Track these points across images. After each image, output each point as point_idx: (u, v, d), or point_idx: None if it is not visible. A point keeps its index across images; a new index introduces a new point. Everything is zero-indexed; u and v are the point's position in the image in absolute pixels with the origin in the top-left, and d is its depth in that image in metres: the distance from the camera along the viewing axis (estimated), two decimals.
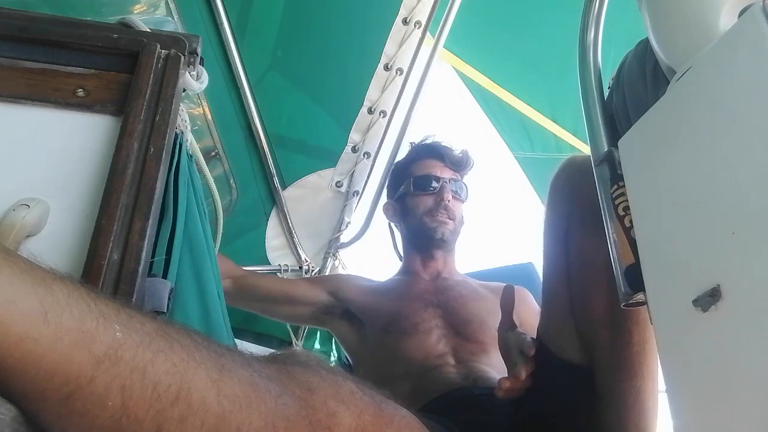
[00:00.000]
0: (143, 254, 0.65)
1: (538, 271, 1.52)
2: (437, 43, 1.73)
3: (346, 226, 2.09)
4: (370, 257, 2.34)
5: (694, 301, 0.54)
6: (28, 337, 0.36)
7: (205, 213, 0.88)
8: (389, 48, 1.84)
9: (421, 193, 1.63)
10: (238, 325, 1.98)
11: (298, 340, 2.14)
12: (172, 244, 0.75)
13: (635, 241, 0.68)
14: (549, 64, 1.99)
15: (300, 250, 2.10)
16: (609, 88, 0.89)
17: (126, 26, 0.83)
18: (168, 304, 0.70)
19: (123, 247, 0.64)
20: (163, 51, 0.78)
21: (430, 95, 2.03)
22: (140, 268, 0.64)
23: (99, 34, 0.78)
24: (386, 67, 1.86)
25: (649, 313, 0.64)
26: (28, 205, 0.63)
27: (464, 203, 1.68)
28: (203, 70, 0.87)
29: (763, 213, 0.49)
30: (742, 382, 0.49)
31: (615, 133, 0.80)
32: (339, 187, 2.04)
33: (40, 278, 0.39)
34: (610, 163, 0.76)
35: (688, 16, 0.69)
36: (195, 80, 0.84)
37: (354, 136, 1.97)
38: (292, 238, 2.08)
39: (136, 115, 0.72)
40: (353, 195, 2.05)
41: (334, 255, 2.15)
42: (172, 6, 1.51)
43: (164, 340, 0.42)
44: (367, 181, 2.02)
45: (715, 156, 0.56)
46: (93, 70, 0.77)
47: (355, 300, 1.57)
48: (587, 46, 0.87)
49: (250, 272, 1.77)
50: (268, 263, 2.08)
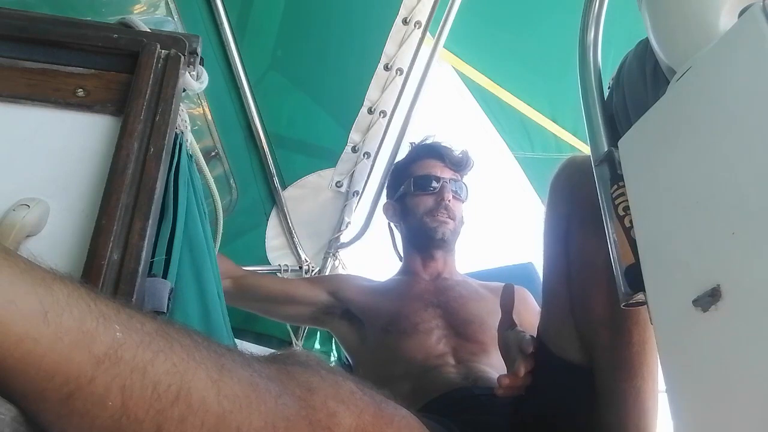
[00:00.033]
0: (143, 254, 0.65)
1: (538, 271, 1.52)
2: (437, 43, 1.73)
3: (346, 226, 2.09)
4: (370, 257, 2.34)
5: (694, 301, 0.54)
6: (28, 337, 0.36)
7: (205, 213, 0.88)
8: (389, 48, 1.84)
9: (422, 193, 1.63)
10: (238, 325, 1.98)
11: (298, 340, 2.14)
12: (172, 244, 0.75)
13: (635, 241, 0.68)
14: (549, 64, 1.99)
15: (300, 250, 2.10)
16: (609, 88, 0.89)
17: (126, 26, 0.83)
18: (168, 304, 0.70)
19: (123, 247, 0.64)
20: (163, 51, 0.78)
21: (430, 95, 2.03)
22: (140, 268, 0.64)
23: (99, 34, 0.78)
24: (386, 67, 1.86)
25: (649, 313, 0.64)
26: (28, 205, 0.63)
27: (464, 203, 1.68)
28: (203, 70, 0.87)
29: (763, 213, 0.49)
30: (742, 382, 0.49)
31: (615, 133, 0.80)
32: (339, 187, 2.04)
33: (40, 278, 0.39)
34: (610, 163, 0.76)
35: (688, 16, 0.69)
36: (195, 80, 0.85)
37: (354, 136, 1.97)
38: (292, 238, 2.08)
39: (136, 115, 0.72)
40: (353, 195, 2.05)
41: (334, 255, 2.15)
42: (172, 6, 1.51)
43: (164, 340, 0.42)
44: (367, 181, 2.02)
45: (715, 156, 0.56)
46: (93, 70, 0.77)
47: (355, 300, 1.57)
48: (587, 46, 0.87)
49: (250, 272, 1.77)
50: (268, 263, 2.08)
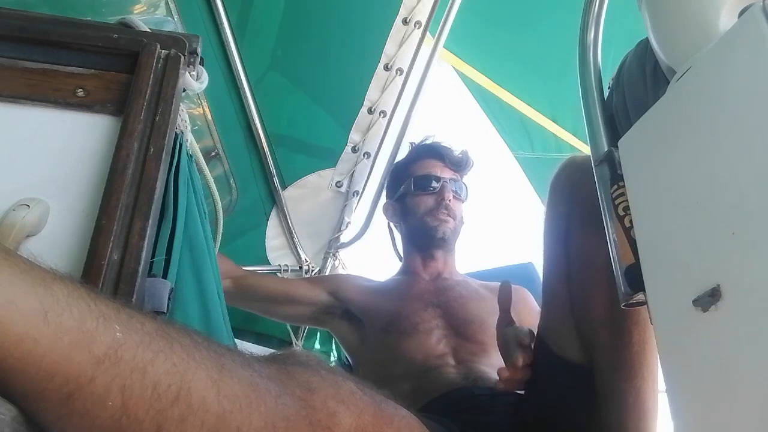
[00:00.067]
0: (143, 254, 0.65)
1: (538, 271, 1.52)
2: (437, 43, 1.73)
3: (346, 226, 2.09)
4: (370, 257, 2.34)
5: (694, 301, 0.54)
6: (28, 337, 0.36)
7: (205, 213, 0.88)
8: (389, 48, 1.84)
9: (422, 193, 1.63)
10: (238, 325, 1.98)
11: (298, 340, 2.14)
12: (172, 244, 0.75)
13: (635, 241, 0.68)
14: (549, 64, 1.99)
15: (300, 250, 2.10)
16: (609, 88, 0.89)
17: (126, 26, 0.83)
18: (168, 304, 0.70)
19: (123, 247, 0.64)
20: (163, 51, 0.78)
21: (430, 95, 2.03)
22: (140, 268, 0.64)
23: (99, 34, 0.78)
24: (386, 67, 1.86)
25: (649, 313, 0.64)
26: (28, 205, 0.63)
27: (464, 203, 1.68)
28: (203, 70, 0.87)
29: (763, 213, 0.49)
30: (742, 382, 0.49)
31: (615, 133, 0.80)
32: (339, 187, 2.04)
33: (40, 278, 0.39)
34: (610, 163, 0.76)
35: (688, 16, 0.69)
36: (195, 80, 0.84)
37: (354, 136, 1.97)
38: (292, 238, 2.08)
39: (136, 115, 0.72)
40: (353, 195, 2.05)
41: (334, 255, 2.15)
42: (172, 6, 1.50)
43: (164, 340, 0.42)
44: (367, 181, 2.03)
45: (715, 156, 0.56)
46: (93, 70, 0.77)
47: (355, 300, 1.57)
48: (587, 46, 0.87)
49: (250, 272, 1.77)
50: (268, 263, 2.08)
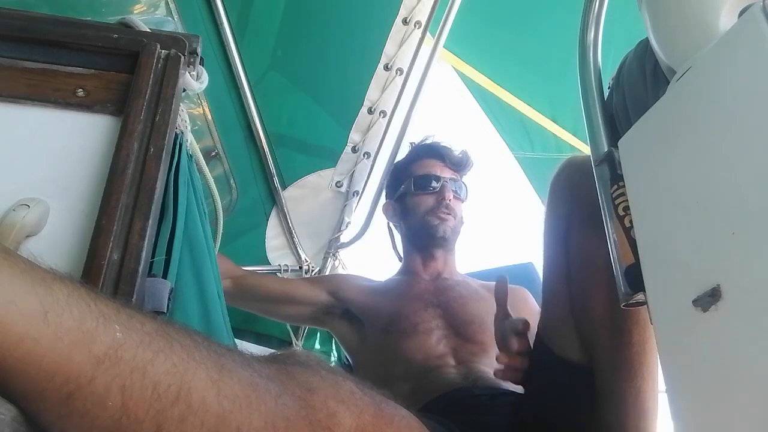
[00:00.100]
0: (143, 254, 0.65)
1: (538, 271, 1.52)
2: (437, 43, 1.73)
3: (346, 226, 2.09)
4: (370, 257, 2.34)
5: (694, 301, 0.54)
6: (28, 337, 0.36)
7: (205, 213, 0.88)
8: (389, 48, 1.84)
9: (422, 193, 1.63)
10: (238, 325, 1.98)
11: (298, 340, 2.14)
12: (172, 244, 0.75)
13: (635, 241, 0.68)
14: (549, 64, 1.99)
15: (300, 250, 2.10)
16: (609, 88, 0.89)
17: (126, 26, 0.83)
18: (168, 304, 0.70)
19: (123, 247, 0.64)
20: (163, 51, 0.78)
21: (430, 95, 2.03)
22: (140, 268, 0.64)
23: (99, 34, 0.78)
24: (386, 67, 1.86)
25: (649, 313, 0.64)
26: (28, 205, 0.63)
27: (464, 203, 1.68)
28: (203, 70, 0.87)
29: (763, 213, 0.49)
30: (742, 382, 0.49)
31: (615, 133, 0.80)
32: (339, 187, 2.04)
33: (40, 278, 0.39)
34: (610, 163, 0.76)
35: (688, 16, 0.69)
36: (195, 80, 0.84)
37: (354, 136, 1.97)
38: (292, 238, 2.08)
39: (136, 115, 0.72)
40: (353, 195, 2.05)
41: (334, 255, 2.15)
42: (172, 6, 1.50)
43: (164, 340, 0.42)
44: (367, 181, 2.03)
45: (715, 156, 0.56)
46: (93, 70, 0.77)
47: (355, 300, 1.57)
48: (587, 46, 0.87)
49: (250, 272, 1.77)
50: (268, 263, 2.08)
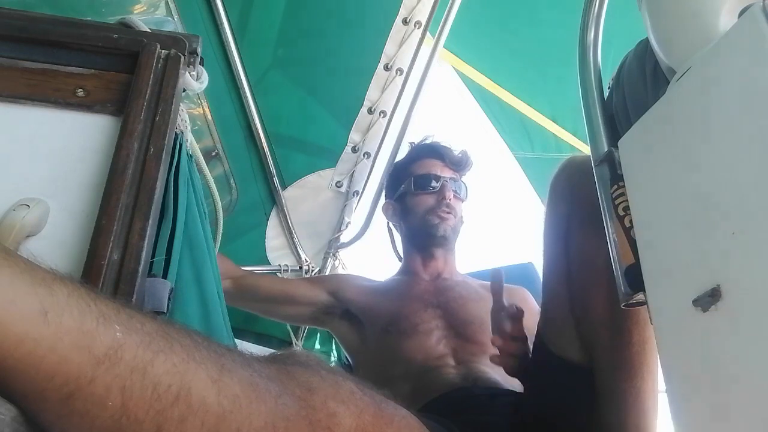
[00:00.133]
0: (143, 254, 0.65)
1: (538, 271, 1.52)
2: (437, 43, 1.73)
3: (346, 226, 2.09)
4: (370, 257, 2.34)
5: (694, 301, 0.54)
6: (29, 338, 0.36)
7: (205, 213, 0.88)
8: (389, 48, 1.84)
9: (422, 192, 1.63)
10: (238, 325, 1.98)
11: (298, 340, 2.15)
12: (172, 244, 0.75)
13: (635, 241, 0.68)
14: (549, 64, 1.99)
15: (300, 250, 2.10)
16: (609, 88, 0.89)
17: (126, 26, 0.83)
18: (168, 304, 0.70)
19: (123, 247, 0.64)
20: (163, 51, 0.78)
21: (430, 95, 2.03)
22: (140, 268, 0.64)
23: (99, 34, 0.78)
24: (386, 67, 1.86)
25: (649, 313, 0.64)
26: (28, 205, 0.63)
27: (464, 202, 1.69)
28: (203, 70, 0.87)
29: (763, 213, 0.49)
30: (742, 382, 0.49)
31: (615, 133, 0.80)
32: (339, 187, 2.04)
33: (40, 278, 0.39)
34: (610, 163, 0.76)
35: (688, 16, 0.69)
36: (195, 80, 0.84)
37: (354, 136, 1.97)
38: (292, 238, 2.08)
39: (136, 115, 0.72)
40: (353, 195, 2.05)
41: (334, 255, 2.15)
42: (172, 6, 1.50)
43: (164, 340, 0.42)
44: (367, 181, 2.03)
45: (715, 156, 0.56)
46: (93, 70, 0.77)
47: (355, 300, 1.57)
48: (587, 46, 0.87)
49: (250, 272, 1.77)
50: (268, 263, 2.08)
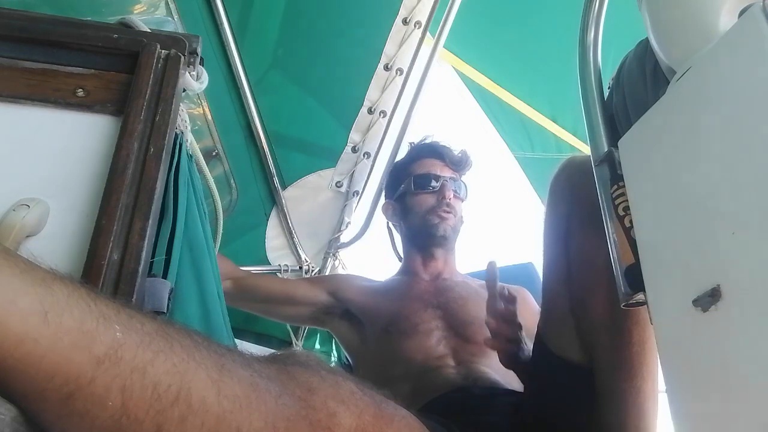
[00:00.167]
0: (143, 254, 0.65)
1: (538, 271, 1.52)
2: (437, 43, 1.73)
3: (346, 226, 2.09)
4: (370, 257, 2.34)
5: (694, 301, 0.54)
6: (29, 338, 0.36)
7: (205, 213, 0.88)
8: (389, 48, 1.84)
9: (422, 192, 1.63)
10: (238, 325, 1.98)
11: (298, 340, 2.15)
12: (172, 244, 0.75)
13: (635, 241, 0.68)
14: (549, 64, 1.99)
15: (300, 250, 2.10)
16: (609, 88, 0.89)
17: (126, 26, 0.83)
18: (168, 304, 0.70)
19: (123, 247, 0.64)
20: (163, 51, 0.78)
21: (430, 95, 2.03)
22: (140, 268, 0.64)
23: (99, 34, 0.78)
24: (386, 67, 1.86)
25: (649, 313, 0.64)
26: (28, 205, 0.63)
27: (464, 202, 1.69)
28: (203, 70, 0.87)
29: (763, 213, 0.49)
30: (742, 382, 0.49)
31: (615, 133, 0.80)
32: (339, 187, 2.04)
33: (40, 278, 0.39)
34: (610, 163, 0.76)
35: (688, 16, 0.69)
36: (195, 80, 0.84)
37: (354, 136, 1.97)
38: (292, 238, 2.08)
39: (136, 115, 0.72)
40: (353, 195, 2.05)
41: (334, 255, 2.15)
42: (172, 6, 1.50)
43: (164, 340, 0.42)
44: (367, 181, 2.03)
45: (715, 156, 0.56)
46: (93, 70, 0.77)
47: (355, 300, 1.57)
48: (587, 46, 0.87)
49: (250, 273, 1.77)
50: (268, 263, 2.08)
